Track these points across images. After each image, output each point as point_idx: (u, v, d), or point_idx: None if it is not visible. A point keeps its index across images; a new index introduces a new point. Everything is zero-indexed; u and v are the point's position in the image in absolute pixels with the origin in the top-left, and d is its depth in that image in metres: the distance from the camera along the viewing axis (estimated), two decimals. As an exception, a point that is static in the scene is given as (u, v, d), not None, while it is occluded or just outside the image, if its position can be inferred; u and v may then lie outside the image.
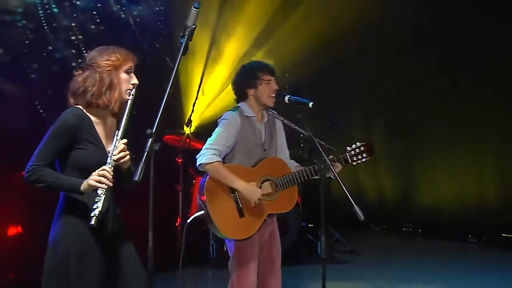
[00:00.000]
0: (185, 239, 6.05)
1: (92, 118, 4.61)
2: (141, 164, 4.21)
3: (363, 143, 5.71)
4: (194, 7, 4.48)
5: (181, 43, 4.46)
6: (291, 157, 6.16)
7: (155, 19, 11.12)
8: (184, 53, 4.49)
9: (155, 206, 4.21)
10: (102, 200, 4.26)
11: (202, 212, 5.69)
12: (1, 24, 9.49)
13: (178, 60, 4.51)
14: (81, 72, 4.68)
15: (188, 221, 6.02)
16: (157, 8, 11.18)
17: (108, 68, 4.61)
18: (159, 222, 4.29)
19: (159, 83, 4.58)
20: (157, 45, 10.53)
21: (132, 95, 4.57)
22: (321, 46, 11.49)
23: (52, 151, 4.50)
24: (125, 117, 4.51)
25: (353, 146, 5.70)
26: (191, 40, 4.53)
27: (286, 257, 6.11)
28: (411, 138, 11.91)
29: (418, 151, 12.00)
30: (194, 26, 4.49)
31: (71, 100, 4.65)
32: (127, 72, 4.67)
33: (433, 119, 11.63)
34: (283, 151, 6.09)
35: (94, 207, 4.23)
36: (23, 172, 8.91)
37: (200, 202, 5.73)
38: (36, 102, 9.66)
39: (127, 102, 4.56)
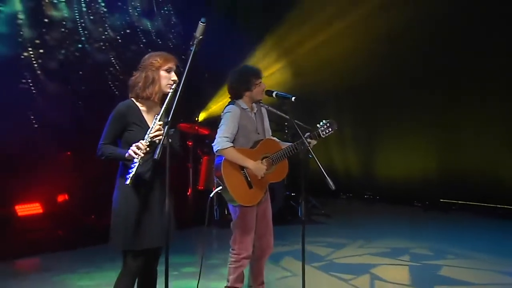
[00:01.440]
0: (209, 207, 6.12)
1: (140, 107, 4.83)
2: (160, 146, 4.39)
3: (328, 120, 5.87)
4: (201, 22, 4.65)
5: (191, 50, 4.59)
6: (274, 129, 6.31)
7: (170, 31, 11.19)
8: (193, 58, 4.58)
9: (170, 180, 4.50)
10: (136, 166, 4.44)
11: (221, 187, 5.77)
12: (49, 36, 9.56)
13: (188, 64, 4.55)
14: (137, 71, 4.89)
15: (211, 194, 6.10)
16: (172, 22, 11.23)
17: (151, 68, 4.80)
18: (174, 191, 4.57)
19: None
20: (183, 56, 10.57)
21: (172, 89, 4.69)
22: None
23: (110, 133, 4.77)
24: (165, 104, 4.65)
25: (321, 123, 5.85)
26: (198, 48, 4.59)
27: (273, 219, 6.23)
28: (371, 124, 11.98)
29: (376, 134, 12.06)
30: (201, 37, 4.62)
31: (130, 93, 4.89)
32: (167, 71, 4.81)
33: (388, 109, 11.65)
34: (268, 131, 6.19)
35: (130, 170, 4.43)
36: (68, 153, 9.02)
37: (217, 178, 5.85)
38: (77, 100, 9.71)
39: (168, 93, 4.70)
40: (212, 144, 5.80)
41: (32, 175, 9.06)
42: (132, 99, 4.84)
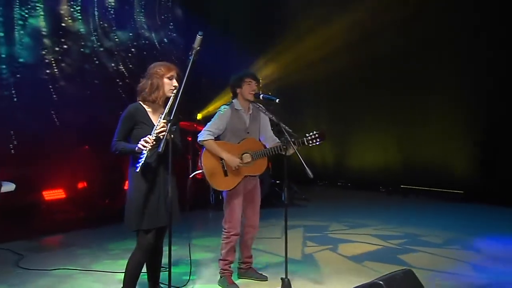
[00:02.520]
0: (188, 190, 6.20)
1: (147, 108, 4.92)
2: (163, 140, 4.50)
3: (318, 132, 5.72)
4: (198, 34, 4.71)
5: (189, 59, 4.68)
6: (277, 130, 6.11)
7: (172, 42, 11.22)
8: (192, 66, 4.67)
9: (173, 168, 4.65)
10: (145, 156, 4.54)
11: (200, 171, 5.85)
12: (68, 46, 9.61)
13: (187, 71, 4.67)
14: (143, 78, 4.98)
15: (190, 176, 6.16)
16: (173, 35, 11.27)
17: (156, 76, 4.89)
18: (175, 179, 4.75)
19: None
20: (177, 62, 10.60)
21: (173, 93, 4.75)
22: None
23: (121, 131, 4.87)
24: (168, 106, 4.70)
25: (310, 133, 5.71)
26: (196, 58, 4.68)
27: (261, 203, 6.29)
28: (344, 122, 11.91)
29: (348, 130, 12.02)
30: (198, 48, 4.69)
31: (138, 97, 4.96)
32: (169, 78, 4.87)
33: (358, 109, 11.67)
34: (267, 132, 6.10)
35: (139, 160, 4.54)
36: (86, 147, 9.07)
37: (201, 165, 5.83)
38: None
39: (170, 97, 4.78)
40: (197, 135, 5.90)
41: (56, 166, 9.15)
42: (140, 102, 4.92)
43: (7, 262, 6.82)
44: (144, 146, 4.58)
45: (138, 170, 4.55)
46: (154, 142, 4.59)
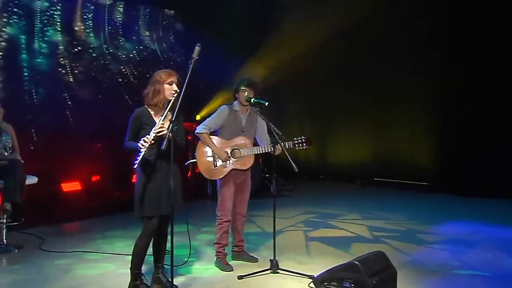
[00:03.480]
0: (193, 184, 6.24)
1: (151, 111, 4.94)
2: (166, 139, 4.52)
3: (305, 138, 5.81)
4: (197, 45, 4.71)
5: (189, 68, 4.68)
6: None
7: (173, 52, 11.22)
8: (191, 74, 4.66)
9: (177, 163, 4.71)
10: (142, 154, 4.58)
11: (194, 160, 5.94)
12: (81, 55, 9.64)
13: (187, 78, 4.67)
14: (149, 85, 4.98)
15: (186, 163, 6.18)
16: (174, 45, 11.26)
17: (158, 82, 4.91)
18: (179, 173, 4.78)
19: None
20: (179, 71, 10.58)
21: (174, 97, 4.78)
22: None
23: (131, 132, 4.91)
24: (167, 109, 4.75)
25: (298, 138, 5.80)
26: (195, 66, 4.67)
27: (252, 194, 6.33)
28: (324, 121, 11.94)
29: (329, 129, 12.04)
30: (197, 58, 4.69)
31: (143, 102, 4.98)
32: (169, 84, 4.88)
33: (337, 110, 11.70)
34: (264, 134, 6.07)
35: (137, 157, 4.59)
36: (99, 145, 9.04)
37: (195, 154, 5.93)
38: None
39: (170, 100, 4.79)
40: (196, 127, 5.96)
41: (73, 161, 9.16)
42: (145, 106, 4.94)
43: (31, 245, 6.85)
44: (143, 145, 4.63)
45: (135, 166, 4.62)
46: (152, 141, 4.63)
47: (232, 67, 10.77)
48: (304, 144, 5.83)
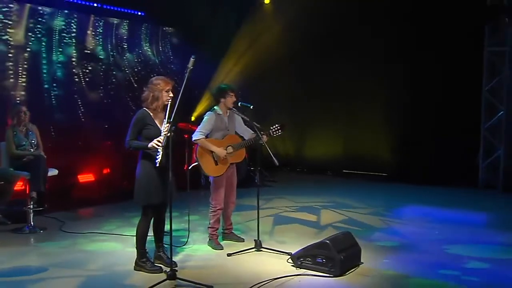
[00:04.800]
0: (189, 176, 6.22)
1: (151, 113, 4.90)
2: (165, 138, 4.59)
3: (279, 125, 5.81)
4: (192, 57, 4.74)
5: (185, 76, 4.68)
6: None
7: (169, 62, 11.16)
8: (187, 82, 4.66)
9: (172, 160, 4.64)
10: (161, 153, 4.59)
11: (196, 163, 5.87)
12: (91, 63, 9.61)
13: (183, 84, 4.67)
14: (145, 89, 4.95)
15: (189, 167, 6.16)
16: (171, 56, 11.19)
17: (157, 89, 4.87)
18: (175, 167, 4.71)
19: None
20: (175, 78, 10.54)
21: (170, 102, 4.76)
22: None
23: (133, 131, 4.86)
24: (167, 112, 4.71)
25: (273, 126, 5.80)
26: (190, 75, 4.68)
27: (239, 184, 6.34)
28: (301, 121, 11.74)
29: (305, 128, 11.87)
30: (191, 67, 4.71)
31: (142, 104, 4.95)
32: (167, 91, 4.86)
33: (312, 110, 11.55)
34: (242, 127, 6.06)
35: (157, 156, 4.59)
36: (109, 142, 8.97)
37: (196, 158, 5.85)
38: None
39: (167, 105, 4.76)
40: (192, 135, 5.90)
41: (88, 156, 9.11)
42: (145, 108, 4.91)
43: (53, 227, 6.89)
44: (158, 145, 4.64)
45: (158, 164, 4.59)
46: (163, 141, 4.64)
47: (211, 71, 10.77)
48: (280, 130, 5.82)
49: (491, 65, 9.50)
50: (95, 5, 9.53)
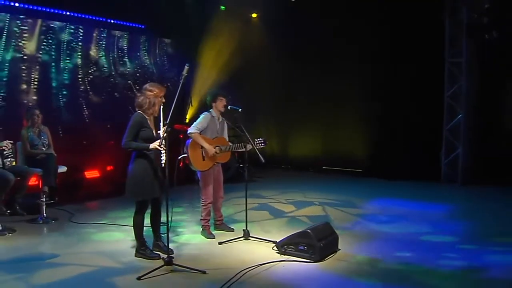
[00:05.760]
0: (176, 167, 6.20)
1: (147, 117, 4.85)
2: (162, 138, 4.58)
3: (263, 139, 5.81)
4: (186, 65, 4.75)
5: (180, 82, 4.72)
6: (233, 135, 6.16)
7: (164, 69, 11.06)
8: (182, 87, 4.69)
9: (168, 156, 4.63)
10: (164, 154, 4.61)
11: (185, 155, 5.81)
12: (95, 71, 9.51)
13: (178, 89, 4.69)
14: (140, 95, 4.88)
15: (179, 158, 6.13)
16: (165, 64, 11.11)
17: (152, 96, 4.82)
18: (170, 162, 4.66)
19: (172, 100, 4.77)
20: (168, 84, 10.48)
21: (162, 107, 4.78)
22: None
23: (131, 132, 4.76)
24: (162, 116, 4.75)
25: (258, 139, 5.78)
26: (184, 81, 4.73)
27: (230, 180, 6.33)
28: (285, 122, 11.71)
29: (289, 129, 11.82)
30: (186, 75, 4.74)
31: (136, 109, 4.88)
32: (161, 97, 4.82)
33: (294, 111, 11.50)
34: (226, 135, 6.08)
35: (162, 156, 4.66)
36: (111, 142, 8.92)
37: (186, 150, 5.81)
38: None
39: (160, 109, 4.78)
40: (187, 128, 5.88)
41: (94, 154, 9.06)
42: (140, 112, 4.84)
43: (63, 218, 6.89)
44: (160, 147, 4.61)
45: (163, 164, 4.61)
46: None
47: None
48: (262, 144, 5.82)
49: (451, 74, 9.64)
50: (100, 19, 9.57)
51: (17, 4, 8.15)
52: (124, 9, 9.35)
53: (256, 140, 5.81)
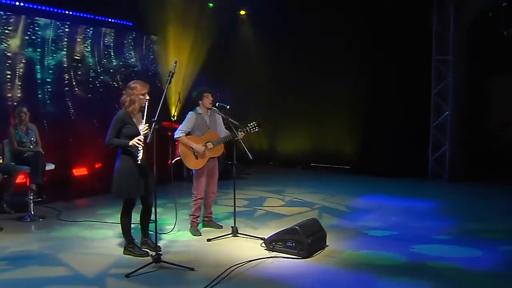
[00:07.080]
0: (172, 170, 6.19)
1: (130, 114, 4.82)
2: (149, 136, 4.54)
3: (256, 122, 5.81)
4: (174, 62, 4.76)
5: (168, 79, 4.71)
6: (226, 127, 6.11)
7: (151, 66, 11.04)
8: (169, 83, 4.71)
9: (157, 155, 4.58)
10: (142, 150, 4.57)
11: (179, 157, 5.85)
12: (80, 67, 9.50)
13: (166, 87, 4.73)
14: (124, 92, 4.88)
15: (173, 161, 6.11)
16: (152, 62, 11.07)
17: (134, 93, 4.79)
18: (158, 161, 4.65)
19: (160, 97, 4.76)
20: (156, 81, 10.51)
21: (146, 104, 4.73)
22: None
23: (114, 130, 4.76)
24: (145, 113, 4.70)
25: (251, 124, 5.78)
26: (172, 78, 4.70)
27: (218, 177, 6.31)
28: (274, 120, 11.62)
29: (277, 127, 11.79)
30: (173, 72, 4.71)
31: (121, 106, 4.87)
32: (143, 94, 4.77)
33: (283, 110, 11.53)
34: (221, 126, 6.02)
35: (139, 154, 4.57)
36: (99, 139, 8.89)
37: (179, 153, 5.82)
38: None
39: (145, 106, 4.73)
40: (174, 133, 5.89)
41: (82, 152, 9.04)
42: (124, 109, 4.82)
43: (51, 216, 6.87)
44: (139, 144, 4.60)
45: (140, 161, 4.57)
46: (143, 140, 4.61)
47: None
48: (256, 127, 5.82)
49: (438, 71, 9.72)
50: (88, 16, 9.54)
51: (3, 1, 8.12)
52: (112, 6, 9.32)
53: (249, 125, 5.80)
